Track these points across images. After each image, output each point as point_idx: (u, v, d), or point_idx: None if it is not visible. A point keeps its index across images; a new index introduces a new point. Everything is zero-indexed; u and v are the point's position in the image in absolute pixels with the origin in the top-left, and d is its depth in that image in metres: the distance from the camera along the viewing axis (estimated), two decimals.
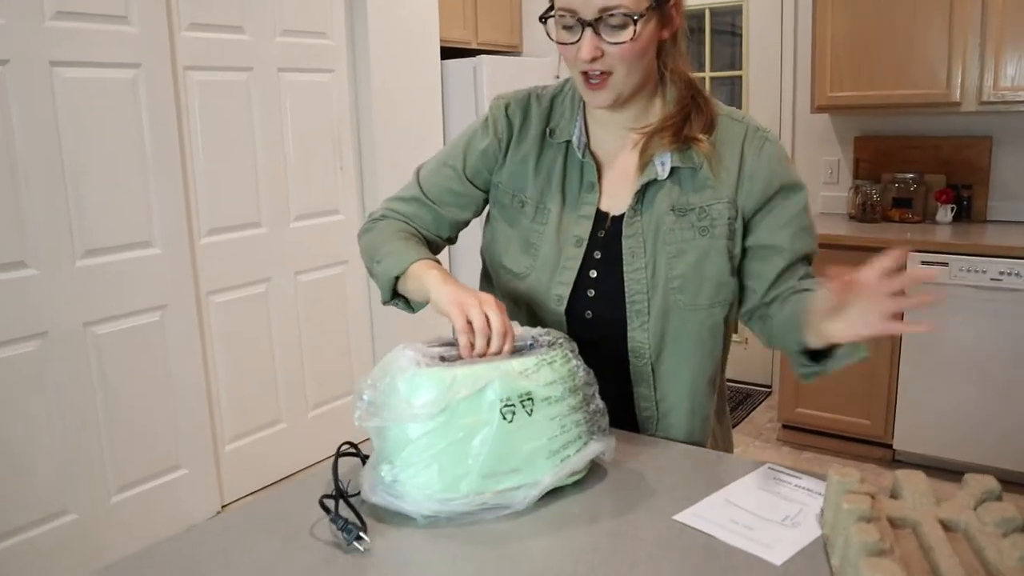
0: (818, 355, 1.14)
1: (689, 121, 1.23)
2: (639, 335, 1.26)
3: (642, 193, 1.25)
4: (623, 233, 1.25)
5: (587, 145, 1.29)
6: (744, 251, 1.27)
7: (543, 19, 1.18)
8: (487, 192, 1.39)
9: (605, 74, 1.17)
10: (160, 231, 2.92)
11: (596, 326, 1.28)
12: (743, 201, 1.24)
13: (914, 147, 3.73)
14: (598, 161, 1.29)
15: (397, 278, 1.27)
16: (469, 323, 1.09)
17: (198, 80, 3.03)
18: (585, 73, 1.18)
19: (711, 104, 1.26)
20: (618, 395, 1.29)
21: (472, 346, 1.09)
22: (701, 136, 1.22)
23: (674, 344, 1.27)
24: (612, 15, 1.12)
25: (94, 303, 2.73)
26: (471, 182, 1.38)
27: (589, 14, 1.12)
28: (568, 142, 1.30)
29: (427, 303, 1.23)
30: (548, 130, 1.32)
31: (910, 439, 3.35)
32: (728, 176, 1.23)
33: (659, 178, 1.23)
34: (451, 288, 1.15)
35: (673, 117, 1.23)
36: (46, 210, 2.58)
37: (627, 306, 1.25)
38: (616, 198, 1.27)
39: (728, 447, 1.47)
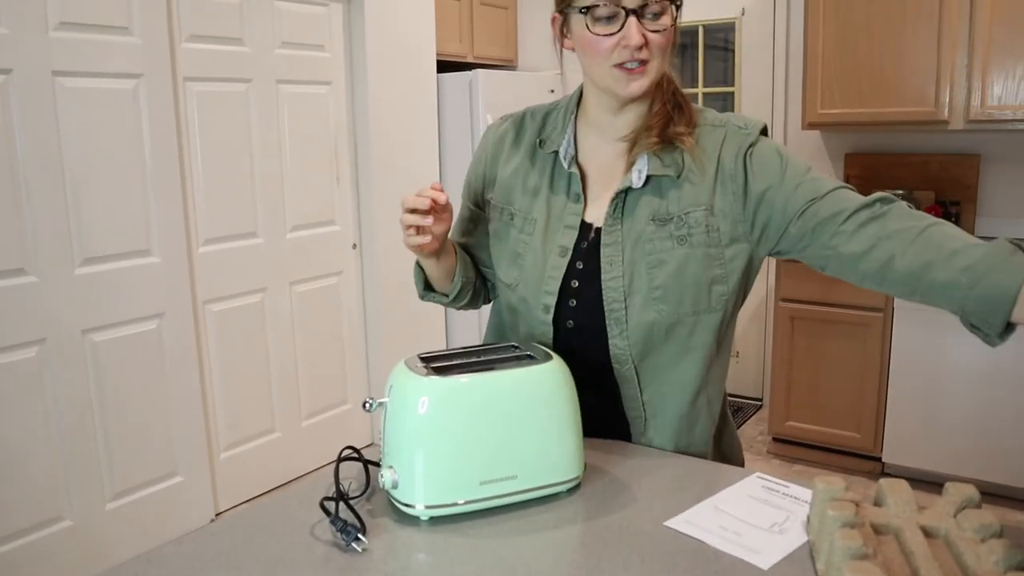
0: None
1: (673, 119, 1.25)
2: (619, 343, 1.27)
3: (621, 202, 1.26)
4: (602, 242, 1.27)
5: (575, 157, 1.32)
6: (797, 241, 1.21)
7: (584, 11, 1.17)
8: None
9: (643, 62, 1.18)
10: (158, 240, 2.94)
11: (579, 335, 1.31)
12: (723, 204, 1.23)
13: (903, 164, 3.79)
14: (586, 172, 1.32)
15: (419, 266, 1.39)
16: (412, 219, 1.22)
17: (198, 90, 3.07)
18: (620, 64, 1.18)
19: (690, 102, 1.29)
20: (607, 396, 1.33)
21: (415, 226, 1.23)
22: (684, 130, 1.24)
23: (657, 352, 1.28)
24: (658, 2, 1.15)
25: (93, 310, 2.76)
26: (476, 207, 1.44)
27: (632, 2, 1.14)
28: (556, 152, 1.32)
29: (460, 289, 1.39)
30: (539, 141, 1.35)
31: (899, 452, 3.39)
32: (706, 181, 1.24)
33: (634, 186, 1.25)
34: None
35: (658, 115, 1.25)
36: (46, 218, 2.61)
37: (606, 315, 1.27)
38: (602, 209, 1.29)
39: (736, 458, 1.47)
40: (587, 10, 1.16)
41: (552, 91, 4.46)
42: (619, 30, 1.15)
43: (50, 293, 2.64)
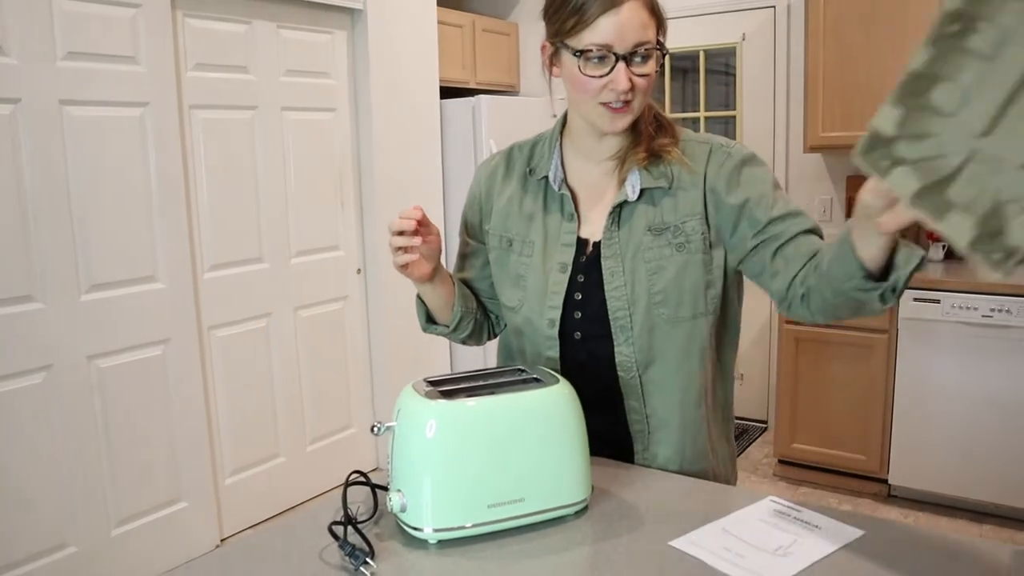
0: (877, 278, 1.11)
1: (655, 136, 1.33)
2: (625, 349, 1.33)
3: (617, 215, 1.33)
4: (602, 254, 1.33)
5: (564, 180, 1.39)
6: (744, 260, 1.31)
7: (578, 53, 1.23)
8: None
9: (627, 102, 1.26)
10: (164, 266, 2.96)
11: (585, 345, 1.36)
12: (713, 218, 1.32)
13: None
14: (576, 192, 1.39)
15: (419, 298, 1.45)
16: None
17: (203, 118, 3.10)
18: (606, 103, 1.26)
19: (672, 122, 1.37)
20: (610, 411, 1.37)
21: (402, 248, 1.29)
22: (668, 141, 1.33)
23: (661, 358, 1.33)
24: (646, 49, 1.22)
25: (98, 337, 2.77)
26: (473, 239, 1.50)
27: (624, 49, 1.21)
28: (546, 178, 1.39)
29: (460, 319, 1.44)
30: (529, 169, 1.43)
31: (905, 474, 3.38)
32: (697, 191, 1.31)
33: (629, 199, 1.32)
34: None
35: (642, 134, 1.33)
36: (53, 245, 2.63)
37: (611, 323, 1.33)
38: (596, 224, 1.36)
39: (731, 475, 1.50)
40: (580, 53, 1.23)
41: (554, 116, 4.49)
42: (608, 72, 1.22)
43: (56, 320, 2.65)
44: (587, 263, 1.35)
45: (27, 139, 2.55)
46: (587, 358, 1.36)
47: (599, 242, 1.34)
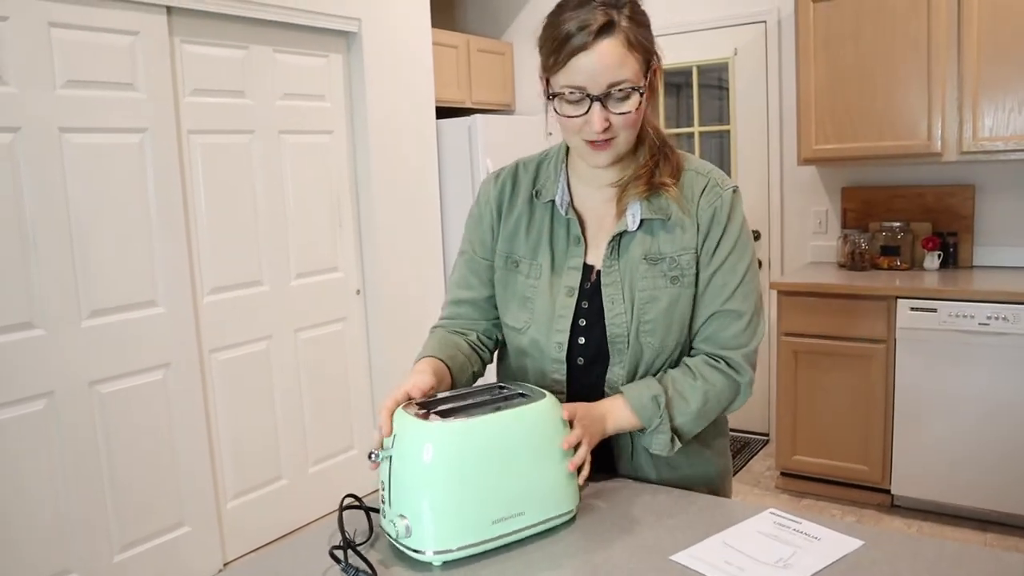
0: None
1: (659, 168, 1.33)
2: (616, 370, 1.35)
3: (617, 244, 1.34)
4: (602, 282, 1.34)
5: (571, 203, 1.38)
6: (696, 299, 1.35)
7: (551, 97, 1.25)
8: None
9: (609, 140, 1.25)
10: (164, 290, 2.97)
11: (588, 371, 1.37)
12: (700, 252, 1.33)
13: (899, 196, 3.82)
14: (582, 217, 1.38)
15: None
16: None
17: (201, 143, 3.12)
18: (588, 140, 1.26)
19: (676, 152, 1.37)
20: None
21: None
22: (669, 180, 1.32)
23: (642, 378, 1.35)
24: (620, 89, 1.21)
25: (99, 362, 2.77)
26: (483, 258, 1.47)
27: (598, 90, 1.21)
28: (553, 201, 1.39)
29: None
30: (535, 192, 1.42)
31: (908, 484, 3.38)
32: (691, 226, 1.32)
33: (629, 230, 1.32)
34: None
35: (645, 166, 1.33)
36: (53, 272, 2.64)
37: (610, 348, 1.34)
38: (599, 251, 1.36)
39: (727, 490, 1.50)
40: (554, 96, 1.24)
41: (551, 134, 4.52)
42: (585, 112, 1.22)
43: (57, 346, 2.66)
44: (591, 289, 1.35)
45: (27, 167, 2.57)
46: (589, 383, 1.37)
47: (601, 270, 1.35)
